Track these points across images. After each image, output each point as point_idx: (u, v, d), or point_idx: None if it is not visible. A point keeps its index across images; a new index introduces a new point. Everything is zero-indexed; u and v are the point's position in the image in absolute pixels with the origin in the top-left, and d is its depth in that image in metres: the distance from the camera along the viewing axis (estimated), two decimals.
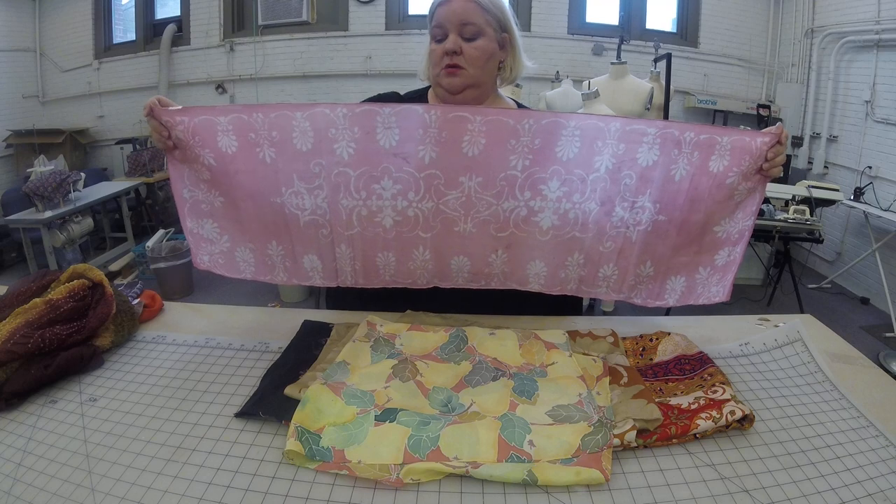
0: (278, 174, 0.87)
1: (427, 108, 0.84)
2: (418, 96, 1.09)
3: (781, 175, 0.88)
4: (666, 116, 3.55)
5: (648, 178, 0.86)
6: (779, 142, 0.83)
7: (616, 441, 0.65)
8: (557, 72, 4.13)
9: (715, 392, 0.72)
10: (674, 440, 0.67)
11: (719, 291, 0.94)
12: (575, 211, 0.88)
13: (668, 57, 3.50)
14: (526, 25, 4.54)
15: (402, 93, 1.10)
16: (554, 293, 0.96)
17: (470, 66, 0.97)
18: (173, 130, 0.84)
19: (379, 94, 1.08)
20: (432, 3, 0.98)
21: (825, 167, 3.97)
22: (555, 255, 0.92)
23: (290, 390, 0.74)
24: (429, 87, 1.10)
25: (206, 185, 0.90)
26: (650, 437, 0.66)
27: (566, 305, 1.06)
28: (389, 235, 0.90)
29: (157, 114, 0.83)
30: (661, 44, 3.90)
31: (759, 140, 0.83)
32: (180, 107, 0.85)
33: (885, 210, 3.22)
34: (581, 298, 1.15)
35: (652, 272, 0.94)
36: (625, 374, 0.80)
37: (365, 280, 0.96)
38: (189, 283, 3.47)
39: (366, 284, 0.97)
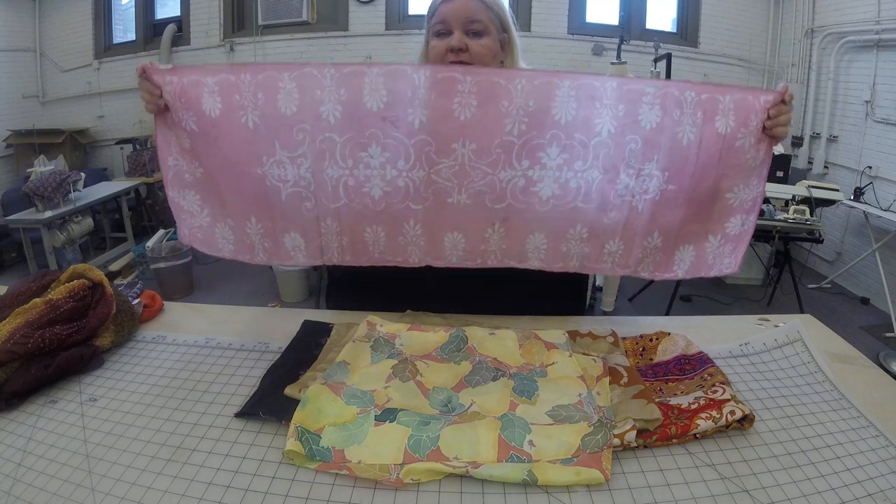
0: (260, 140, 0.84)
1: (416, 67, 0.81)
2: None
3: (786, 136, 0.84)
4: None
5: (655, 143, 0.82)
6: (783, 101, 0.80)
7: (616, 441, 0.65)
8: None
9: (715, 392, 0.72)
10: (674, 440, 0.67)
11: (731, 263, 0.90)
12: (577, 180, 0.84)
13: (668, 57, 3.51)
14: (526, 25, 4.54)
15: None
16: (556, 270, 0.92)
17: (476, 64, 0.96)
18: (164, 90, 0.83)
19: None
20: (434, 0, 0.98)
21: (825, 167, 3.97)
22: (556, 226, 0.88)
23: (290, 390, 0.74)
24: None
25: (189, 154, 0.88)
26: (650, 437, 0.66)
27: (566, 306, 1.06)
28: (378, 207, 0.87)
29: (150, 72, 0.83)
30: (661, 44, 3.90)
31: (762, 98, 0.81)
32: (173, 67, 0.84)
33: (885, 210, 3.22)
34: (582, 299, 1.16)
35: (660, 243, 0.90)
36: (625, 374, 0.80)
37: (353, 257, 0.92)
38: (189, 283, 3.47)
39: (353, 262, 0.93)
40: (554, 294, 1.03)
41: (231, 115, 0.83)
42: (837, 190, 3.09)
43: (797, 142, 4.23)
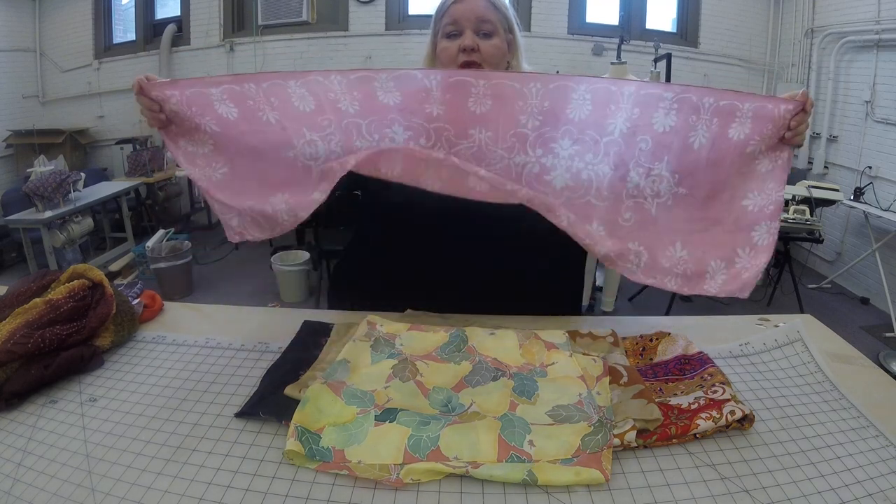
0: (286, 130, 0.85)
1: (425, 72, 0.83)
2: None
3: (802, 144, 0.84)
4: None
5: (665, 145, 0.83)
6: (803, 109, 0.80)
7: (616, 441, 0.65)
8: (557, 72, 4.12)
9: (715, 392, 0.72)
10: (674, 440, 0.67)
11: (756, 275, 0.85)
12: (588, 172, 0.85)
13: (668, 57, 3.50)
14: (526, 25, 4.54)
15: None
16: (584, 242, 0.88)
17: (486, 64, 0.97)
18: (166, 104, 0.83)
19: None
20: (443, 2, 0.99)
21: (825, 167, 3.97)
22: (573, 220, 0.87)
23: (290, 390, 0.74)
24: None
25: (211, 156, 0.87)
26: (650, 437, 0.66)
27: (565, 305, 1.06)
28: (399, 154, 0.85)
29: (147, 90, 0.82)
30: (661, 44, 3.90)
31: (782, 107, 0.80)
32: (167, 80, 0.83)
33: (885, 210, 3.22)
34: (580, 299, 1.16)
35: (685, 255, 0.88)
36: (625, 373, 0.80)
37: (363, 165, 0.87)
38: (189, 283, 3.47)
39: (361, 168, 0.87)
40: (550, 299, 1.03)
41: (250, 115, 0.84)
42: (837, 190, 3.09)
43: None
